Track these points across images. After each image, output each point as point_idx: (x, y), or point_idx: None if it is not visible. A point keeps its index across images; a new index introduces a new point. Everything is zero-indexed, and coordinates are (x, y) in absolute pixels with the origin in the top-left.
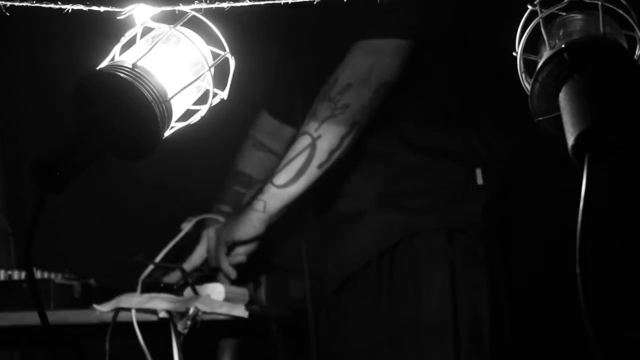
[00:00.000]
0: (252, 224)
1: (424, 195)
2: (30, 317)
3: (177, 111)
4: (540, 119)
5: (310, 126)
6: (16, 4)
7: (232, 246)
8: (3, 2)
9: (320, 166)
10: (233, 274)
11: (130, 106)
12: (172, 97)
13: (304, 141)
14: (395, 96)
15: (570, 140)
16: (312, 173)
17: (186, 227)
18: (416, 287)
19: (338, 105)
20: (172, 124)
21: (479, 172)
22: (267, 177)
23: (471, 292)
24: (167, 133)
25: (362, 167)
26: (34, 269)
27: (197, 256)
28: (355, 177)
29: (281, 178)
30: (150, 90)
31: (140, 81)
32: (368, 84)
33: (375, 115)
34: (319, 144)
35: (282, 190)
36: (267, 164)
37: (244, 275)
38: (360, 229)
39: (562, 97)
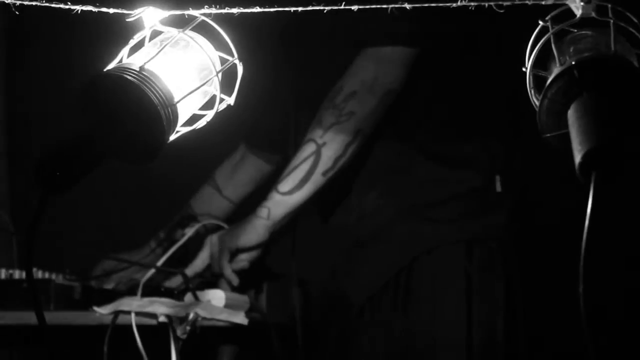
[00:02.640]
0: (256, 231)
1: (443, 205)
2: (30, 317)
3: (183, 115)
4: (548, 135)
5: (315, 133)
6: (25, 2)
7: (235, 253)
8: (13, 1)
9: (325, 173)
10: (235, 280)
11: (136, 109)
12: (178, 101)
13: (308, 148)
14: (408, 106)
15: (578, 158)
16: (316, 180)
17: (189, 232)
18: (432, 302)
19: (343, 113)
20: (178, 128)
21: (498, 179)
22: (272, 184)
23: (487, 307)
24: (172, 137)
25: (378, 184)
26: (35, 270)
27: (200, 262)
28: (371, 195)
29: (286, 185)
30: (157, 94)
31: (147, 84)
32: (373, 92)
33: (387, 125)
34: (323, 151)
35: (287, 197)
36: (213, 200)
37: (246, 282)
38: (380, 248)
39: (571, 115)
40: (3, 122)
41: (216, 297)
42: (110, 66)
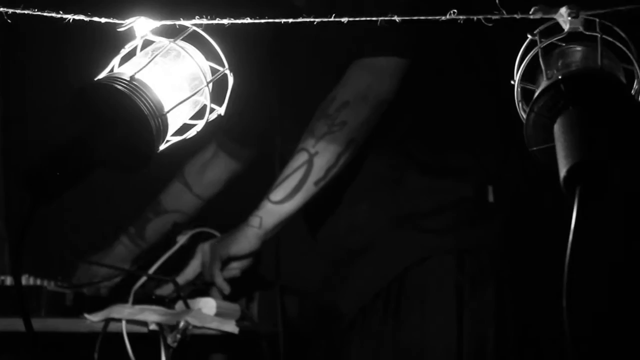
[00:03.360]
0: (248, 239)
1: (435, 215)
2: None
3: (173, 125)
4: (535, 149)
5: (307, 143)
6: (18, 11)
7: (226, 261)
8: (5, 10)
9: (316, 183)
10: (227, 289)
11: (126, 118)
12: (168, 111)
13: (301, 158)
14: (400, 116)
15: (562, 172)
16: (308, 189)
17: (181, 239)
18: (422, 312)
19: (335, 122)
20: (168, 137)
21: (490, 189)
22: (264, 193)
23: (477, 318)
24: (162, 146)
25: (369, 195)
26: (27, 276)
27: (191, 270)
28: (362, 206)
29: (277, 194)
30: (147, 103)
31: (137, 94)
32: (366, 102)
33: (379, 135)
34: (316, 160)
35: (278, 206)
36: (182, 197)
37: (237, 291)
38: (371, 258)
39: (557, 128)
40: None
41: (207, 305)
42: (101, 75)
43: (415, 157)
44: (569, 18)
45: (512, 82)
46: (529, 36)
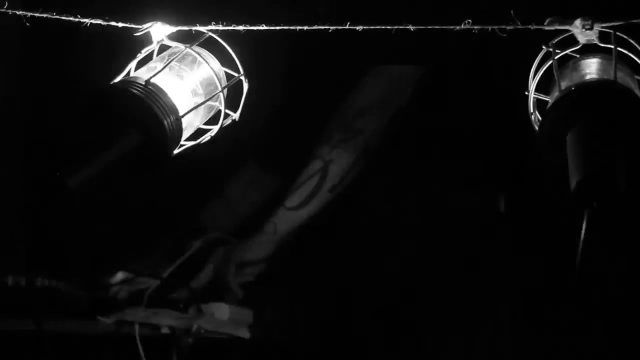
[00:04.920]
0: (262, 245)
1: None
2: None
3: (187, 129)
4: (547, 159)
5: (323, 149)
6: (37, 15)
7: (241, 267)
8: (24, 13)
9: (331, 190)
10: (240, 294)
11: (140, 122)
12: (182, 116)
13: (316, 164)
14: (415, 124)
15: (573, 183)
16: (323, 196)
17: (196, 244)
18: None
19: (351, 130)
20: (182, 142)
21: (502, 198)
22: (279, 200)
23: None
24: (176, 150)
25: (382, 207)
26: (42, 278)
27: (205, 275)
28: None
29: (292, 200)
30: (162, 108)
31: (152, 98)
32: (382, 110)
33: (393, 145)
34: (331, 167)
35: (293, 212)
36: (226, 218)
37: (251, 297)
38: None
39: (570, 140)
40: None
41: (220, 310)
42: (117, 79)
43: (429, 169)
44: (584, 30)
45: (526, 93)
46: (544, 47)
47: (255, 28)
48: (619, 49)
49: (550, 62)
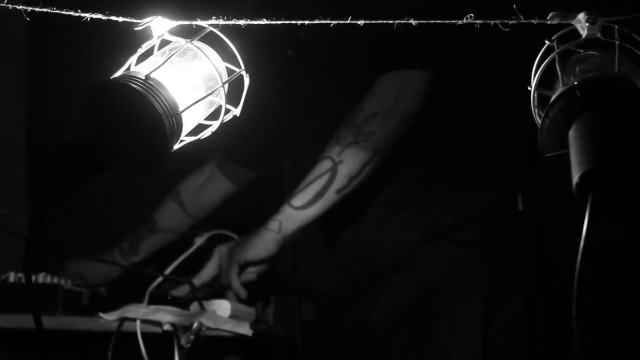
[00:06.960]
0: (266, 244)
1: (464, 227)
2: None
3: (187, 125)
4: (549, 154)
5: (332, 151)
6: (37, 9)
7: (244, 265)
8: (24, 7)
9: (339, 191)
10: (243, 293)
11: (140, 117)
12: (182, 111)
13: (324, 165)
14: (427, 128)
15: (575, 178)
16: (330, 197)
17: (199, 241)
18: (450, 325)
19: (362, 132)
20: (182, 137)
21: (519, 197)
22: (285, 198)
23: (504, 332)
24: (176, 146)
25: (399, 217)
26: (44, 274)
27: (207, 272)
28: (390, 226)
29: (299, 200)
30: (162, 103)
31: (152, 93)
32: (393, 114)
33: (405, 150)
34: (339, 168)
35: (299, 212)
36: (177, 217)
37: (254, 295)
38: (402, 277)
39: (572, 135)
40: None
41: (222, 307)
42: (117, 74)
43: (441, 172)
44: (587, 24)
45: (529, 88)
46: (546, 42)
47: (256, 22)
48: (622, 43)
49: (553, 56)
